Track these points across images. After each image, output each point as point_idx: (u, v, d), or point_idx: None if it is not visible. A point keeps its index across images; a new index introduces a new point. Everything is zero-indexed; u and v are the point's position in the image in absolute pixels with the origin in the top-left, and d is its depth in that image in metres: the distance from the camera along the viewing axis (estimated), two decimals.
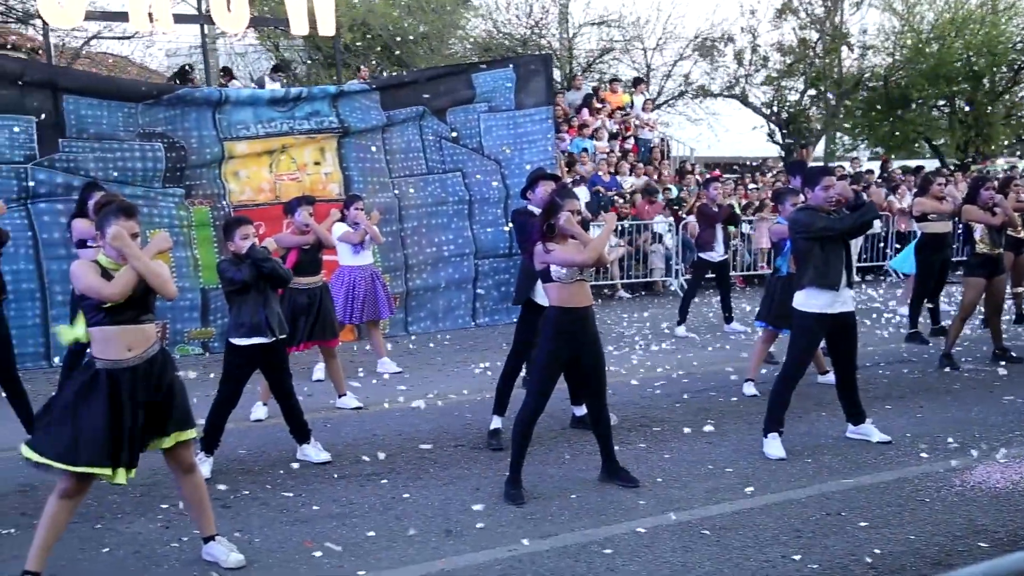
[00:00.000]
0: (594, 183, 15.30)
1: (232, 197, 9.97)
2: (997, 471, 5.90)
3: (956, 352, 9.11)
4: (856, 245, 8.94)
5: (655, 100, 22.59)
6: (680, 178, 17.16)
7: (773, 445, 6.28)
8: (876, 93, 26.28)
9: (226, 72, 16.89)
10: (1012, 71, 26.02)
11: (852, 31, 26.38)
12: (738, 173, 20.24)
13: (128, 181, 9.44)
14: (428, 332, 11.05)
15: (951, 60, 24.43)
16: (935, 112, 27.28)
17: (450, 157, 11.20)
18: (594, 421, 5.79)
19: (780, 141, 26.54)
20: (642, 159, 17.45)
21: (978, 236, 8.81)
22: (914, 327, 10.35)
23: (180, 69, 16.39)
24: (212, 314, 9.79)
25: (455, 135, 11.18)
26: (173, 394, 4.47)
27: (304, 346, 7.63)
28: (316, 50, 22.05)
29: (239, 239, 5.87)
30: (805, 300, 6.21)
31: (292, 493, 5.68)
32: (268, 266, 5.84)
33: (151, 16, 10.60)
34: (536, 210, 6.27)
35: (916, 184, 13.52)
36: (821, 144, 27.64)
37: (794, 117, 26.26)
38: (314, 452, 6.30)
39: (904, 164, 22.18)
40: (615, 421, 6.11)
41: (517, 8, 24.07)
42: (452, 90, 11.24)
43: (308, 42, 20.98)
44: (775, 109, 26.42)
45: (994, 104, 25.87)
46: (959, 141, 26.27)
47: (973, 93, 25.53)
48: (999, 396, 7.86)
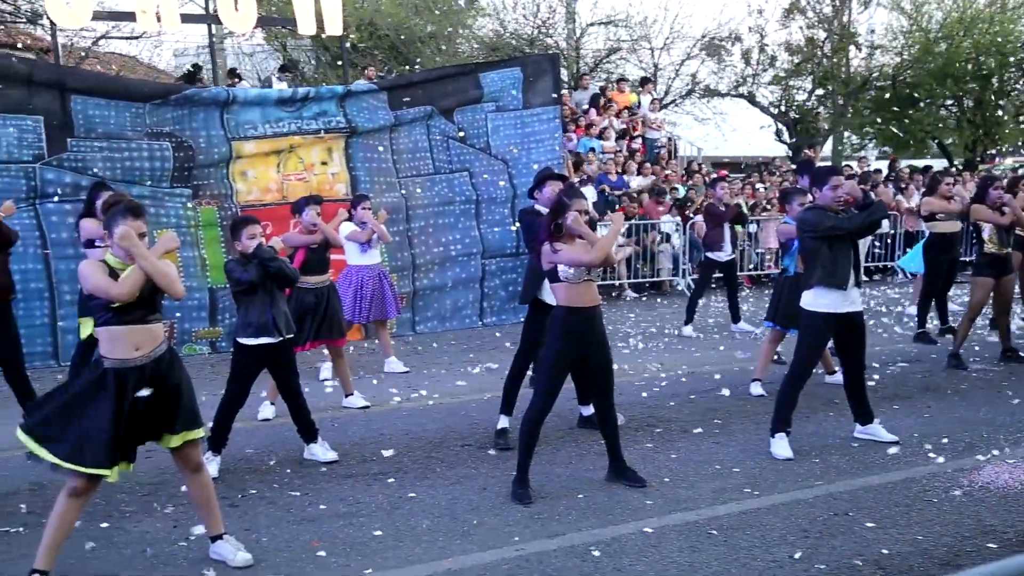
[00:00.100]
0: (601, 183, 15.30)
1: (239, 197, 9.97)
2: (1006, 471, 5.89)
3: (964, 352, 9.09)
4: (864, 245, 8.89)
5: (662, 100, 22.55)
6: (687, 178, 17.15)
7: (780, 445, 6.28)
8: (884, 92, 26.20)
9: (232, 74, 16.88)
10: (1021, 71, 25.92)
11: (860, 30, 26.33)
12: (744, 172, 20.17)
13: (136, 181, 9.46)
14: (435, 332, 11.04)
15: (959, 59, 24.37)
16: (943, 112, 27.20)
17: (457, 157, 11.18)
18: (601, 421, 5.79)
19: (788, 141, 26.48)
20: (649, 159, 17.44)
21: (986, 236, 8.80)
22: (922, 327, 10.34)
23: (188, 70, 16.40)
24: (220, 314, 9.81)
25: (462, 135, 11.17)
26: (180, 393, 4.48)
27: (311, 345, 7.65)
28: (323, 50, 22.06)
29: (246, 239, 5.88)
30: (813, 300, 6.20)
31: (299, 492, 5.69)
32: (275, 266, 5.85)
33: (158, 16, 10.62)
34: (543, 209, 6.26)
35: (924, 184, 13.50)
36: (829, 144, 27.59)
37: (802, 117, 26.20)
38: (321, 451, 6.31)
39: (912, 164, 22.12)
40: (622, 421, 6.11)
41: (524, 8, 24.08)
42: (459, 90, 11.22)
43: (315, 42, 20.98)
44: (783, 109, 26.37)
45: (1003, 104, 25.78)
46: (967, 140, 26.19)
47: (982, 93, 25.46)
48: (1007, 396, 7.84)
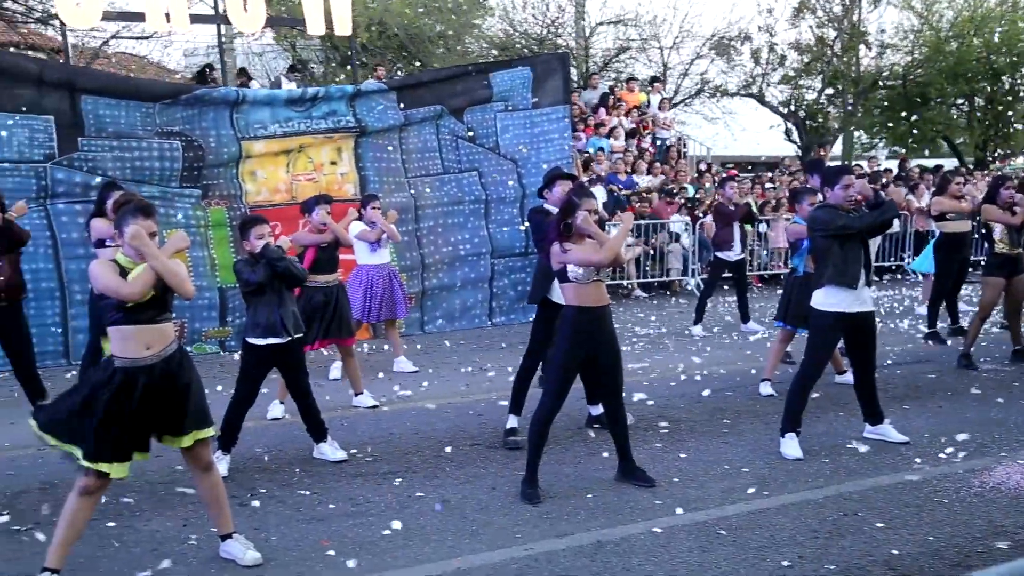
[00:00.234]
0: (610, 182, 15.29)
1: (248, 198, 9.99)
2: (1017, 472, 5.86)
3: (975, 352, 9.05)
4: (874, 244, 8.92)
5: (672, 99, 22.52)
6: (697, 177, 17.12)
7: (790, 445, 6.26)
8: (894, 91, 26.10)
9: (242, 73, 16.90)
10: None
11: (870, 29, 26.23)
12: (754, 172, 20.14)
13: (145, 180, 9.49)
14: (444, 331, 11.05)
15: (970, 58, 24.25)
16: (954, 111, 27.08)
17: (466, 157, 11.18)
18: (611, 420, 5.78)
19: (797, 140, 26.41)
20: (658, 158, 17.42)
21: (997, 236, 8.77)
22: (932, 327, 10.30)
23: (200, 70, 16.42)
24: (230, 313, 9.83)
25: (471, 134, 11.17)
26: (190, 393, 4.49)
27: (320, 344, 7.67)
28: (333, 50, 22.08)
29: (254, 238, 5.90)
30: (824, 299, 6.19)
31: (309, 491, 5.70)
32: (282, 265, 5.86)
33: (168, 16, 10.63)
34: (553, 209, 6.26)
35: (935, 183, 13.45)
36: (839, 143, 27.50)
37: (811, 116, 26.12)
38: (331, 450, 6.32)
39: (922, 163, 22.04)
40: (631, 421, 6.10)
41: (533, 7, 24.05)
42: (469, 89, 11.21)
43: (325, 42, 21.00)
44: (792, 108, 26.28)
45: (1014, 102, 25.65)
46: (978, 140, 26.07)
47: (993, 92, 25.34)
48: (1018, 396, 7.81)
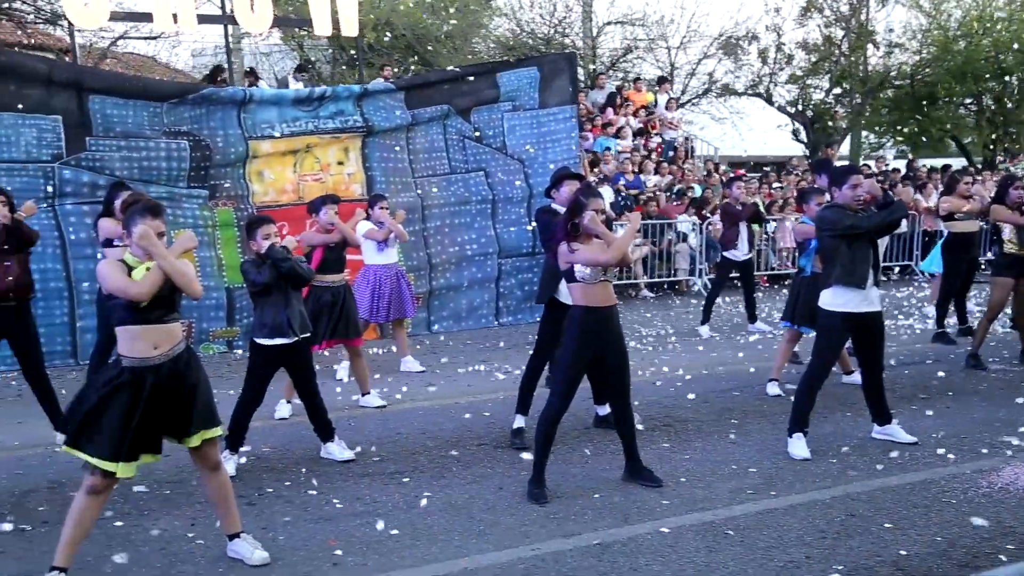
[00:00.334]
0: (618, 182, 15.27)
1: (255, 198, 10.01)
2: None
3: (983, 352, 9.02)
4: (882, 244, 8.87)
5: (679, 99, 22.49)
6: (707, 176, 17.09)
7: (798, 445, 6.25)
8: (902, 91, 26.03)
9: (250, 73, 16.93)
10: None
11: (878, 28, 26.15)
12: (761, 172, 20.08)
13: (153, 180, 9.51)
14: (451, 331, 11.06)
15: (978, 58, 24.15)
16: (962, 110, 26.98)
17: (473, 156, 11.20)
18: (618, 420, 5.78)
19: (805, 140, 26.35)
20: (666, 158, 17.40)
21: (1006, 236, 8.71)
22: (941, 327, 10.27)
23: (211, 72, 16.44)
24: (238, 313, 9.86)
25: (478, 134, 11.18)
26: (198, 393, 4.50)
27: (327, 344, 7.67)
28: (340, 50, 22.10)
29: (260, 238, 5.90)
30: (831, 299, 6.17)
31: (316, 491, 5.70)
32: (286, 266, 5.87)
33: (175, 17, 10.65)
34: (560, 209, 6.26)
35: (943, 183, 13.41)
36: (847, 143, 27.42)
37: (819, 116, 26.05)
38: (338, 450, 6.33)
39: (930, 163, 21.97)
40: (637, 423, 6.09)
41: (541, 7, 24.05)
42: (476, 89, 11.24)
43: (332, 42, 21.02)
44: (800, 108, 26.22)
45: (1022, 102, 25.54)
46: (986, 139, 25.96)
47: (1001, 91, 25.24)
48: None
